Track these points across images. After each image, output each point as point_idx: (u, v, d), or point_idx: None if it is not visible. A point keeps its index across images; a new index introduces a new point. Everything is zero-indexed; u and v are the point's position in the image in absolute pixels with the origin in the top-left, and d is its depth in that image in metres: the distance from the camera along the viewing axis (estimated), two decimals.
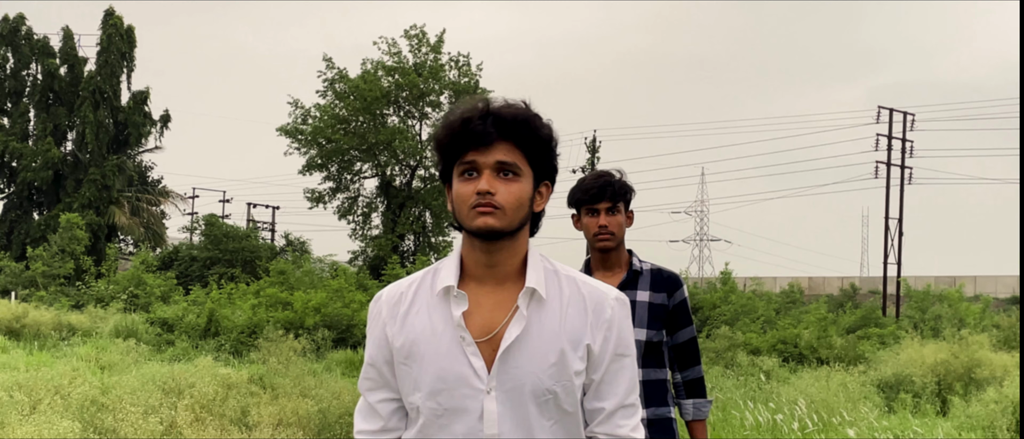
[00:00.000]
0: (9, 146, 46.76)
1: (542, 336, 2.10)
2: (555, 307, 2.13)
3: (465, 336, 2.09)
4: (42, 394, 7.78)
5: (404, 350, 2.14)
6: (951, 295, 27.75)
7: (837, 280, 54.76)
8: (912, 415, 10.75)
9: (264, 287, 25.38)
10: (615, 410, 2.19)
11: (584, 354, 2.13)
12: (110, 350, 15.18)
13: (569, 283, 2.18)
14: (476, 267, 2.15)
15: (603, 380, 2.17)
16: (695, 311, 24.92)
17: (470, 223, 2.08)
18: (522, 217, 2.11)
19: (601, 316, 2.16)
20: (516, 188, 2.09)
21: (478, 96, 2.20)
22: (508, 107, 2.11)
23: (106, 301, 29.98)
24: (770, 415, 8.56)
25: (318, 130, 41.31)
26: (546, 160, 2.15)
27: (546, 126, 2.14)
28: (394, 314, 2.18)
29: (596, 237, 3.80)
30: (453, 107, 2.17)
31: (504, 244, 2.12)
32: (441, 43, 42.25)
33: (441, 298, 2.14)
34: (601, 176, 3.83)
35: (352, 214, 43.32)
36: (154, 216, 50.18)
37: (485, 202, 2.06)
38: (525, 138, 2.10)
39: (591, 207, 3.79)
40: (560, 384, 2.09)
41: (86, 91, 46.99)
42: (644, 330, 3.78)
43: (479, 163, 2.08)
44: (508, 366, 2.08)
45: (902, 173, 43.44)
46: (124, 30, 48.14)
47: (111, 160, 46.89)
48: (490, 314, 2.12)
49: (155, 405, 7.54)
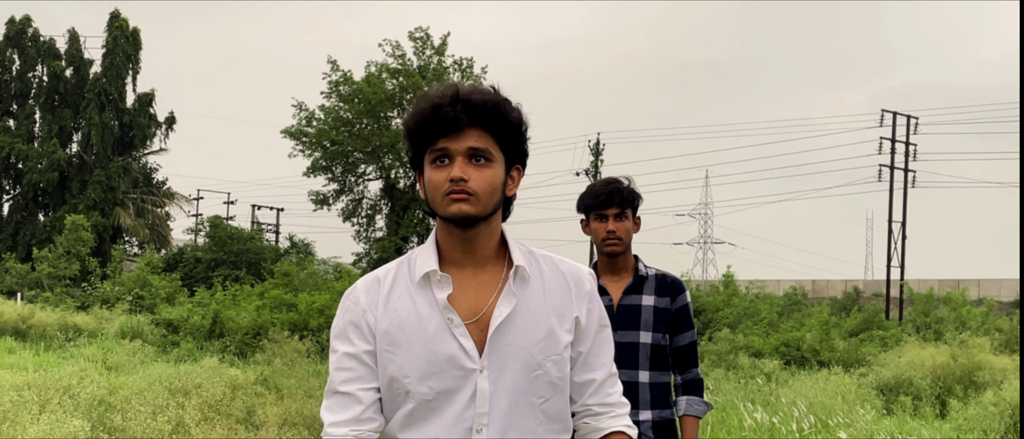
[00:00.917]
0: (15, 147, 46.94)
1: (530, 313, 2.12)
2: (537, 284, 2.16)
3: (453, 317, 2.09)
4: (51, 394, 7.90)
5: (389, 335, 2.11)
6: (955, 298, 27.81)
7: (841, 283, 54.74)
8: (911, 418, 10.83)
9: (268, 289, 25.46)
10: (604, 379, 2.24)
11: (572, 326, 2.16)
12: (116, 351, 15.29)
13: (546, 261, 2.21)
14: (454, 252, 2.15)
15: (591, 351, 2.21)
16: (698, 314, 24.97)
17: (444, 210, 2.08)
18: (495, 202, 2.12)
19: (582, 289, 2.20)
20: (489, 174, 2.09)
21: (447, 83, 2.18)
22: (478, 92, 2.11)
23: (111, 302, 30.12)
24: (768, 417, 8.63)
25: (322, 132, 41.46)
26: (517, 144, 2.16)
27: (516, 110, 2.14)
28: (374, 300, 2.15)
29: (604, 242, 3.89)
30: (422, 93, 2.16)
31: (480, 229, 2.12)
32: (445, 46, 42.40)
33: (422, 284, 2.13)
34: (610, 183, 3.93)
35: (356, 216, 43.45)
36: (159, 218, 50.31)
37: (459, 189, 2.06)
38: (496, 123, 2.10)
39: (600, 213, 3.89)
40: (550, 358, 2.12)
41: (92, 93, 47.17)
42: (649, 333, 3.88)
43: (451, 150, 2.08)
44: (500, 344, 2.10)
45: (905, 176, 43.48)
46: (130, 32, 48.34)
47: (116, 162, 47.06)
48: (475, 295, 2.13)
49: (163, 405, 7.65)
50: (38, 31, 49.31)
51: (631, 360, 3.87)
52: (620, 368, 3.78)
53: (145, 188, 50.30)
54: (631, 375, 3.86)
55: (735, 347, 17.72)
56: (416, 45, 42.25)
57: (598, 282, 3.85)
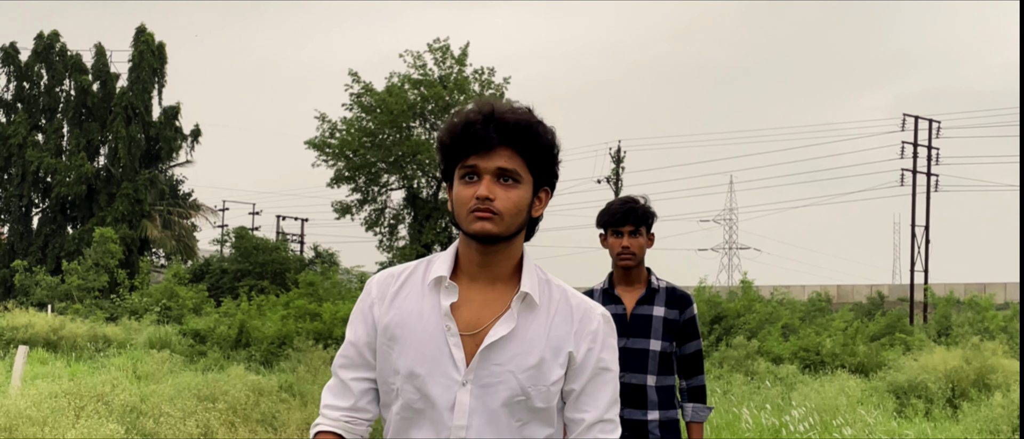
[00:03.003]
0: (44, 161, 47.61)
1: (526, 339, 2.13)
2: (543, 314, 2.16)
3: (451, 326, 2.12)
4: (85, 401, 8.23)
5: (388, 331, 2.16)
6: (983, 302, 27.73)
7: (866, 288, 54.58)
8: (925, 419, 10.99)
9: (293, 298, 25.75)
10: (594, 423, 2.19)
11: (565, 361, 2.15)
12: (145, 361, 15.65)
13: (559, 292, 2.21)
14: (470, 265, 2.17)
15: (584, 391, 2.18)
16: (719, 320, 25.07)
17: (468, 226, 2.10)
18: (519, 223, 2.13)
19: (587, 327, 2.18)
20: (515, 194, 2.10)
21: (485, 99, 2.20)
22: (511, 112, 2.11)
23: (140, 313, 30.51)
24: (775, 418, 8.84)
25: (345, 143, 41.88)
26: (547, 167, 2.16)
27: (549, 133, 2.14)
28: (383, 294, 2.20)
29: (619, 256, 4.26)
30: (459, 108, 2.19)
31: (500, 247, 2.14)
32: (465, 56, 42.74)
33: (432, 287, 2.16)
34: (627, 202, 4.30)
35: (379, 225, 43.84)
36: (185, 229, 50.83)
37: (484, 207, 2.07)
38: (527, 145, 2.10)
39: (616, 229, 4.27)
40: (534, 388, 2.11)
41: (118, 107, 47.82)
42: (659, 341, 4.23)
43: (480, 168, 2.09)
44: (487, 362, 2.11)
45: (928, 181, 43.37)
46: (156, 47, 48.96)
47: (143, 174, 47.67)
48: (479, 310, 2.14)
49: (191, 410, 7.96)
50: (65, 46, 49.97)
51: (640, 365, 4.22)
52: (630, 372, 4.19)
53: (171, 200, 50.82)
54: (640, 379, 4.22)
55: (750, 353, 17.86)
56: (436, 56, 42.64)
57: (613, 291, 4.24)
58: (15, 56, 49.80)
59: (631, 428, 4.17)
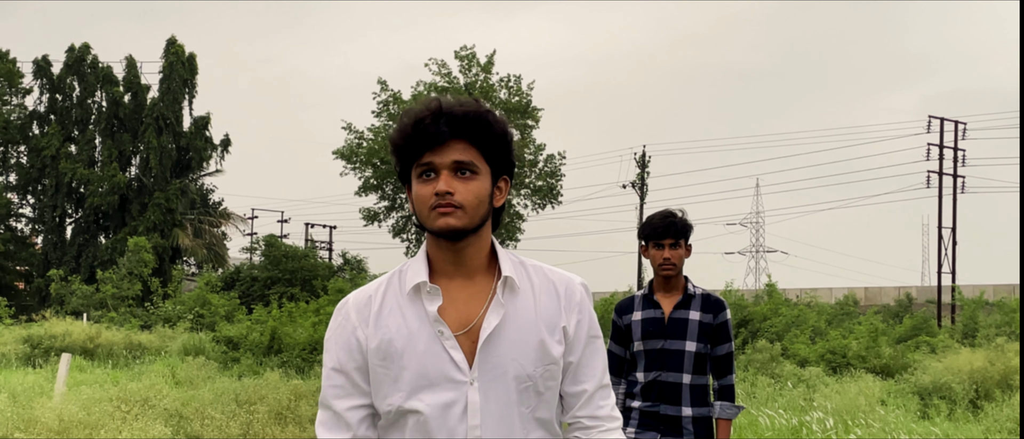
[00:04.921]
0: (77, 172, 48.33)
1: (520, 323, 2.12)
2: (528, 295, 2.16)
3: (443, 330, 2.10)
4: (131, 405, 8.57)
5: (380, 351, 2.12)
6: (1012, 303, 27.65)
7: (894, 290, 54.39)
8: (947, 420, 11.13)
9: (323, 305, 26.07)
10: (595, 391, 2.22)
11: (561, 337, 2.15)
12: (182, 367, 16.02)
13: (536, 271, 2.21)
14: (444, 264, 2.15)
15: (581, 363, 2.20)
16: (746, 323, 25.21)
17: (431, 224, 2.08)
18: (483, 214, 2.12)
19: (572, 299, 2.19)
20: (475, 186, 2.09)
21: (431, 97, 2.20)
22: (460, 105, 2.10)
23: (173, 321, 30.97)
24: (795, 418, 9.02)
25: (372, 152, 42.23)
26: (502, 156, 2.15)
27: (500, 122, 2.14)
28: (364, 317, 2.15)
29: (660, 267, 4.60)
30: (406, 109, 2.17)
31: (469, 241, 2.12)
32: (491, 63, 42.99)
33: (412, 297, 2.13)
34: (667, 216, 4.62)
35: (406, 232, 44.17)
36: (216, 237, 51.38)
37: (445, 202, 2.06)
38: (479, 135, 2.09)
39: (657, 242, 4.60)
40: (540, 369, 2.12)
41: (149, 118, 48.52)
42: (694, 343, 4.56)
43: (436, 163, 2.08)
44: (490, 355, 2.10)
45: (954, 182, 43.20)
46: (186, 58, 49.64)
47: (174, 184, 48.30)
48: (465, 307, 2.13)
49: (233, 413, 8.29)
50: (97, 58, 50.76)
51: (677, 364, 4.56)
52: (667, 371, 4.56)
53: (202, 209, 51.37)
54: (677, 377, 4.56)
55: (774, 355, 17.99)
56: (462, 63, 42.93)
57: (652, 297, 4.57)
58: (47, 69, 50.64)
59: (667, 422, 4.49)
